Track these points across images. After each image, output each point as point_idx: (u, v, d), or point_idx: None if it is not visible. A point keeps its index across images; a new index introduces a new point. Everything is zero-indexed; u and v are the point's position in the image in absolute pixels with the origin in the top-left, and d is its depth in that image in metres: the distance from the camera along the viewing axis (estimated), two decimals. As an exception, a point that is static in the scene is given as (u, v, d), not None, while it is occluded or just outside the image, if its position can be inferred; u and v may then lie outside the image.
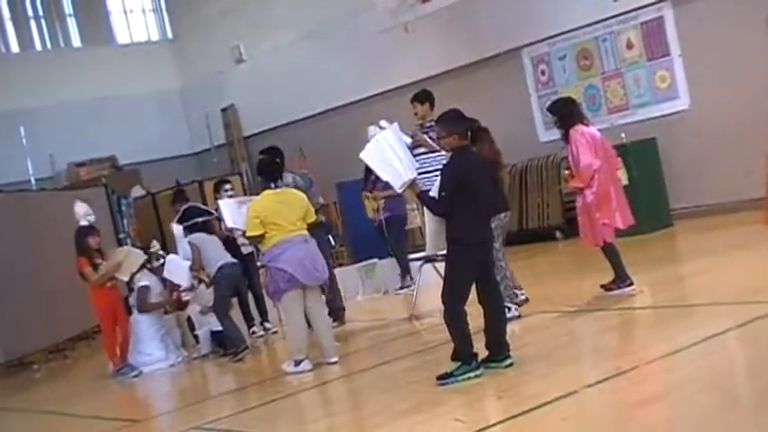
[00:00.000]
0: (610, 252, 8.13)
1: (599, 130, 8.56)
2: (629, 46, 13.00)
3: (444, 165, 6.45)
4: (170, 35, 22.37)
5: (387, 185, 8.06)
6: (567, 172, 8.37)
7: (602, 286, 8.15)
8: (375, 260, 11.79)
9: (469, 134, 6.74)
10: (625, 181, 9.92)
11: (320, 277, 7.70)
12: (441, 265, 7.17)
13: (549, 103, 9.44)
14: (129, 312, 9.72)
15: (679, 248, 11.30)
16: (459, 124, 6.32)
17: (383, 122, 8.32)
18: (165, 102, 21.17)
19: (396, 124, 7.07)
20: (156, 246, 11.20)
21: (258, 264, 12.47)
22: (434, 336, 7.67)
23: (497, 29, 14.39)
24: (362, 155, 6.69)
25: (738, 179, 11.66)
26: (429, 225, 6.40)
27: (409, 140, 8.10)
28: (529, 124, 14.23)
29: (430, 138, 8.14)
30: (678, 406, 4.85)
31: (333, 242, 11.51)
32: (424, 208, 6.67)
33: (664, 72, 12.66)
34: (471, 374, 6.03)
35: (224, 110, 20.45)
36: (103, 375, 9.64)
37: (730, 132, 11.85)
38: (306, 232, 7.68)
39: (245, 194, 14.56)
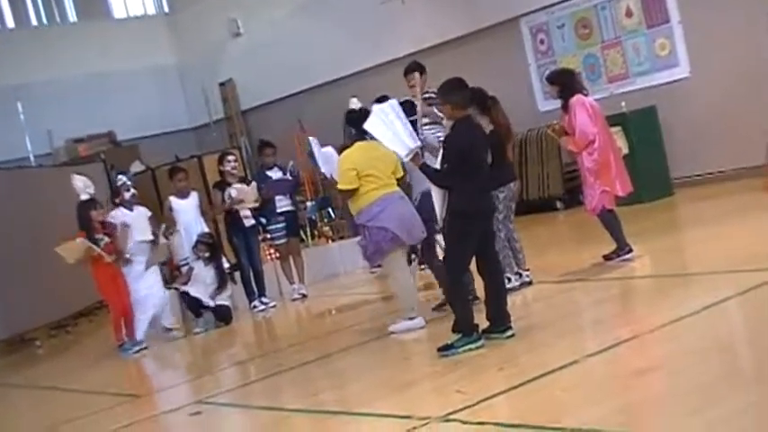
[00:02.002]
0: (609, 220, 8.13)
1: (598, 99, 8.54)
2: (629, 14, 12.88)
3: (446, 136, 6.39)
4: (166, 9, 22.18)
5: None
6: (555, 123, 8.32)
7: (604, 257, 8.15)
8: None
9: (477, 103, 6.70)
10: (625, 150, 9.89)
11: (421, 236, 7.31)
12: (440, 237, 7.16)
13: (547, 72, 9.38)
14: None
15: (679, 217, 11.28)
16: (458, 93, 6.26)
17: (354, 100, 8.30)
18: (162, 76, 21.04)
19: (395, 100, 7.02)
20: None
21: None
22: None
23: (495, -2, 14.28)
24: (367, 125, 6.67)
25: (739, 146, 11.61)
26: (436, 198, 6.34)
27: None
28: (528, 94, 14.15)
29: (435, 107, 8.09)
30: (679, 374, 4.84)
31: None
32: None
33: (663, 40, 12.55)
34: (472, 346, 6.03)
35: (222, 84, 20.34)
36: (105, 351, 9.65)
37: (731, 99, 11.77)
38: (399, 189, 7.29)
39: (244, 169, 14.52)
